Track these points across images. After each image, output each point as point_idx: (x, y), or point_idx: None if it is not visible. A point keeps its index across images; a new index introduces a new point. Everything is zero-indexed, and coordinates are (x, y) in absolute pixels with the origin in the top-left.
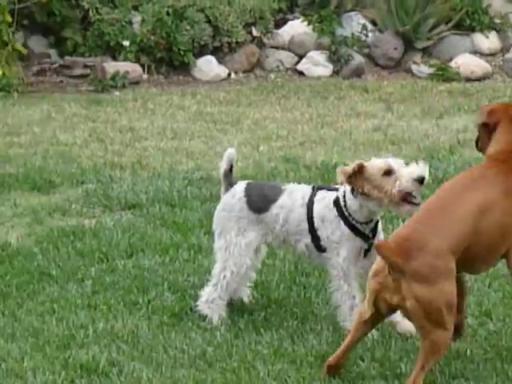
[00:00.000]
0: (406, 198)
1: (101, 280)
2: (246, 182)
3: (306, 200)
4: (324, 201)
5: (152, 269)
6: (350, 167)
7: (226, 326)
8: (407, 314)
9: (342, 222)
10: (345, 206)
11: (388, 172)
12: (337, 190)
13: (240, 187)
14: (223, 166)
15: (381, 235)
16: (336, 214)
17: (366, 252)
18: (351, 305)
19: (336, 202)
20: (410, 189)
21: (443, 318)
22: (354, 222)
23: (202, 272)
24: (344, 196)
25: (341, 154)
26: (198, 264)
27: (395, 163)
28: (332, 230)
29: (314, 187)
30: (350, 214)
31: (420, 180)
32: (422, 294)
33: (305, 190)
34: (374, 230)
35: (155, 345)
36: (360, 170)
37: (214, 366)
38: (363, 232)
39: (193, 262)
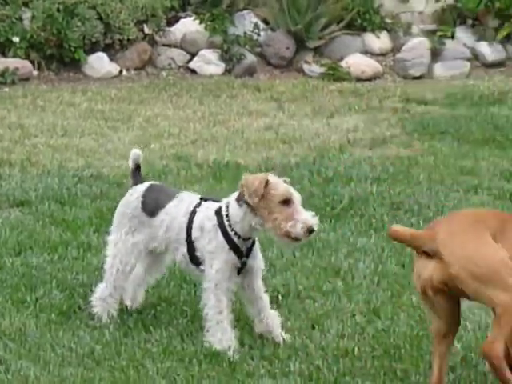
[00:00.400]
0: (290, 236)
1: None
2: (151, 183)
3: (190, 209)
4: (207, 211)
5: (40, 267)
6: (260, 186)
7: (115, 325)
8: (458, 284)
9: (219, 232)
10: (227, 215)
11: (286, 202)
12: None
13: (142, 187)
14: (130, 165)
15: (257, 256)
16: (215, 223)
17: (240, 270)
18: (217, 320)
19: (218, 212)
20: (300, 236)
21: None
22: (232, 234)
23: (91, 270)
24: (227, 206)
25: (233, 153)
26: (86, 262)
27: (296, 198)
28: (209, 239)
29: (201, 198)
30: (230, 225)
31: (311, 232)
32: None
33: (192, 199)
34: (250, 250)
35: (43, 343)
36: (265, 184)
37: (103, 364)
38: (239, 247)
39: (82, 260)
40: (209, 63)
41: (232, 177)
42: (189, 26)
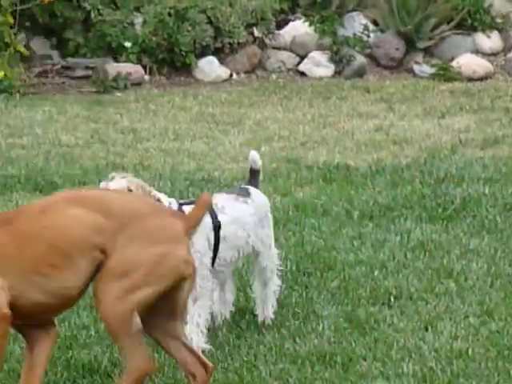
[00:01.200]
0: None
1: None
2: None
3: None
4: None
5: None
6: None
7: (228, 327)
8: None
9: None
10: None
11: None
12: None
13: None
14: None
15: None
16: None
17: None
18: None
19: None
20: None
21: None
22: None
23: None
24: None
25: (343, 154)
26: None
27: None
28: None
29: (179, 203)
30: None
31: None
32: None
33: (172, 204)
34: None
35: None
36: None
37: (216, 366)
38: None
39: None
40: (318, 65)
41: (342, 178)
42: (298, 28)
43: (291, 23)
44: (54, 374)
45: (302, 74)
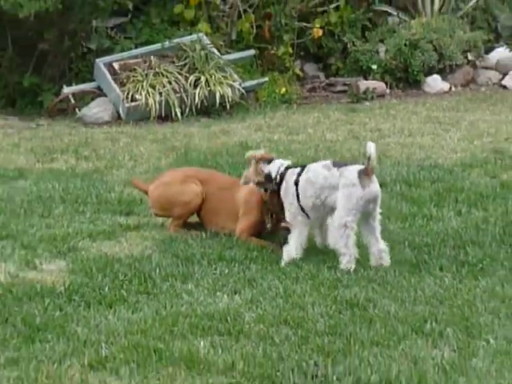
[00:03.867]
0: None
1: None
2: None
3: None
4: None
5: (395, 232)
6: None
7: (451, 274)
8: None
9: None
10: None
11: None
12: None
13: None
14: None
15: None
16: None
17: None
18: None
19: None
20: None
21: None
22: None
23: (433, 234)
24: None
25: None
26: (429, 228)
27: None
28: None
29: (286, 167)
30: None
31: None
32: None
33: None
34: None
35: (399, 286)
36: None
37: (444, 303)
38: None
39: (426, 227)
40: None
41: None
42: (501, 53)
43: (496, 49)
44: (324, 306)
45: (504, 87)
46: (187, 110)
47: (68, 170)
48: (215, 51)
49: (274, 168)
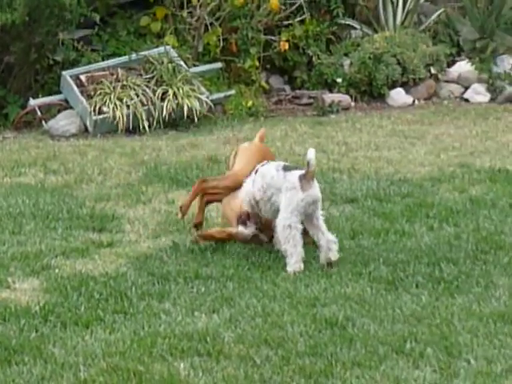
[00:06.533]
0: None
1: None
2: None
3: None
4: None
5: (369, 248)
6: None
7: (429, 291)
8: None
9: None
10: None
11: None
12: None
13: None
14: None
15: None
16: None
17: None
18: None
19: None
20: None
21: None
22: None
23: (407, 251)
24: None
25: (502, 161)
26: (402, 245)
27: None
28: None
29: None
30: None
31: None
32: None
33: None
34: None
35: (377, 305)
36: None
37: (422, 322)
38: None
39: (399, 243)
40: (478, 94)
41: (504, 180)
42: (463, 67)
43: (458, 63)
44: (304, 325)
45: (466, 100)
46: (155, 122)
47: (37, 184)
48: (182, 64)
49: None
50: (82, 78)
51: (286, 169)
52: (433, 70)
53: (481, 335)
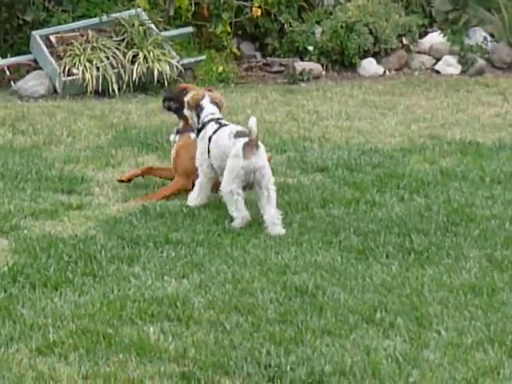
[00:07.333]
0: None
1: (304, 224)
2: None
3: None
4: None
5: (340, 217)
6: None
7: (399, 262)
8: None
9: None
10: None
11: None
12: None
13: None
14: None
15: None
16: None
17: None
18: None
19: None
20: None
21: None
22: None
23: (377, 221)
24: None
25: (473, 133)
26: (373, 215)
27: None
28: None
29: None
30: None
31: None
32: None
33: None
34: None
35: (347, 274)
36: None
37: (392, 292)
38: None
39: (369, 213)
40: (449, 66)
41: (474, 152)
42: (435, 38)
43: (430, 34)
44: (274, 292)
45: (437, 72)
46: (124, 85)
47: (6, 144)
48: (153, 27)
49: (203, 110)
50: (52, 38)
51: (236, 135)
52: (404, 41)
53: (451, 306)
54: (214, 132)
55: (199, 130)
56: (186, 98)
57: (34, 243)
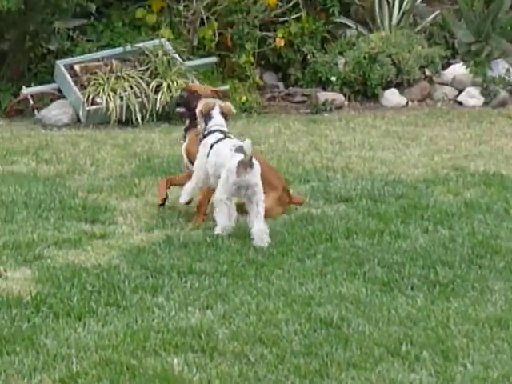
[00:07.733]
0: None
1: (328, 255)
2: None
3: None
4: None
5: (364, 248)
6: None
7: (424, 294)
8: None
9: None
10: None
11: None
12: None
13: None
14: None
15: None
16: None
17: None
18: None
19: None
20: None
21: None
22: None
23: (402, 252)
24: None
25: (496, 165)
26: (397, 246)
27: None
28: None
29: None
30: None
31: None
32: None
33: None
34: None
35: (372, 306)
36: None
37: (418, 324)
38: None
39: (394, 244)
40: (472, 97)
41: (498, 183)
42: (458, 69)
43: (452, 66)
44: (299, 324)
45: (460, 103)
46: (148, 115)
47: (29, 173)
48: (177, 57)
49: (212, 120)
50: (76, 67)
51: (237, 150)
52: (427, 72)
53: (477, 340)
54: (217, 141)
55: (204, 137)
56: (199, 108)
57: (57, 272)
